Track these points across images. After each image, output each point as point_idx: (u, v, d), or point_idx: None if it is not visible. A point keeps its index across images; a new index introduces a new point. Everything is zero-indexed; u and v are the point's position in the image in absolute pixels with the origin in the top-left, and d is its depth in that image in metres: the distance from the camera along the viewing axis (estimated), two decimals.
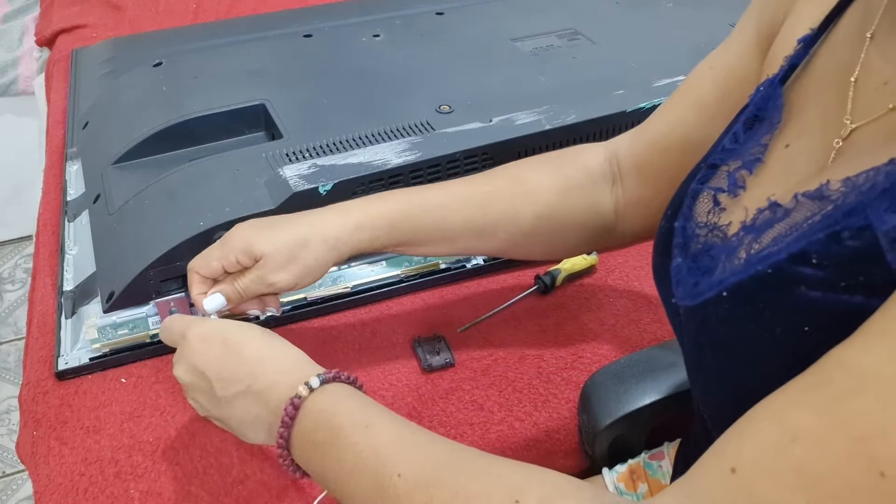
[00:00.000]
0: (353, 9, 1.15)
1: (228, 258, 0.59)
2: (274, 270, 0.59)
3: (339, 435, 0.46)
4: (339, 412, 0.47)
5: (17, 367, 1.67)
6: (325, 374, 0.50)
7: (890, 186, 0.34)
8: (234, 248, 0.59)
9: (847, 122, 0.42)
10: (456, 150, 0.77)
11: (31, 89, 1.64)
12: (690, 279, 0.45)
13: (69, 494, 0.61)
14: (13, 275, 1.90)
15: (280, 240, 0.59)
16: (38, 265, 0.83)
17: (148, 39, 1.13)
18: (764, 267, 0.38)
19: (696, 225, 0.48)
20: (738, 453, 0.34)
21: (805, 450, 0.31)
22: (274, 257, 0.58)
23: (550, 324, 0.77)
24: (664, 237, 0.51)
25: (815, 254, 0.36)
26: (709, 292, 0.42)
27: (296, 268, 0.59)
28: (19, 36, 1.68)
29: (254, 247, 0.58)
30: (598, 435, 0.64)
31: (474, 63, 0.95)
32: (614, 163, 0.66)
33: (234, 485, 0.62)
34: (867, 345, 0.32)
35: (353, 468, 0.44)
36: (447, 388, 0.70)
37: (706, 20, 1.04)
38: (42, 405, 0.68)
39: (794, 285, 0.37)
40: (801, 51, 0.48)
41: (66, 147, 0.96)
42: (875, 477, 0.29)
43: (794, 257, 0.37)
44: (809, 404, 0.32)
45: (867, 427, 0.30)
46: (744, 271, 0.40)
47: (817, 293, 0.36)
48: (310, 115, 0.84)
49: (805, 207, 0.39)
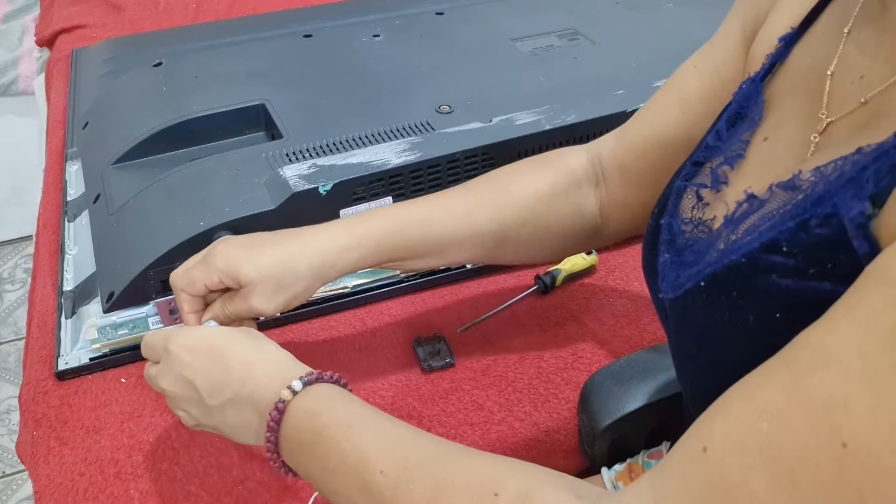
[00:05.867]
0: (353, 9, 1.15)
1: (212, 278, 0.57)
2: (261, 300, 0.57)
3: (322, 435, 0.46)
4: (322, 412, 0.48)
5: (17, 367, 1.67)
6: (307, 377, 0.50)
7: (856, 175, 0.35)
8: (217, 268, 0.57)
9: (822, 116, 0.43)
10: (456, 150, 0.77)
11: (31, 89, 1.64)
12: (673, 273, 0.46)
13: (69, 494, 0.61)
14: (13, 275, 1.90)
15: (266, 266, 0.56)
16: (38, 265, 0.83)
17: (148, 39, 1.13)
18: (738, 256, 0.39)
19: (682, 221, 0.49)
20: (710, 433, 0.35)
21: (770, 425, 0.32)
22: (260, 286, 0.56)
23: (550, 324, 0.77)
24: (652, 234, 0.52)
25: (785, 242, 0.37)
26: (688, 283, 0.43)
27: (283, 297, 0.58)
28: (19, 36, 1.68)
29: (238, 272, 0.56)
30: (597, 435, 0.64)
31: (474, 63, 0.95)
32: (597, 164, 0.66)
33: (234, 485, 0.62)
34: (832, 324, 0.32)
35: (337, 467, 0.45)
36: (447, 388, 0.70)
37: (706, 20, 1.04)
38: (42, 405, 0.68)
39: (765, 273, 0.38)
40: (782, 49, 0.49)
41: (66, 147, 0.96)
42: (837, 448, 0.29)
43: (765, 246, 0.38)
44: (776, 382, 0.33)
45: (829, 399, 0.30)
46: (719, 261, 0.41)
47: (788, 281, 0.37)
48: (310, 115, 0.84)
49: (778, 198, 0.40)
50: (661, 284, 0.48)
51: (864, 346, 0.30)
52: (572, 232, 0.66)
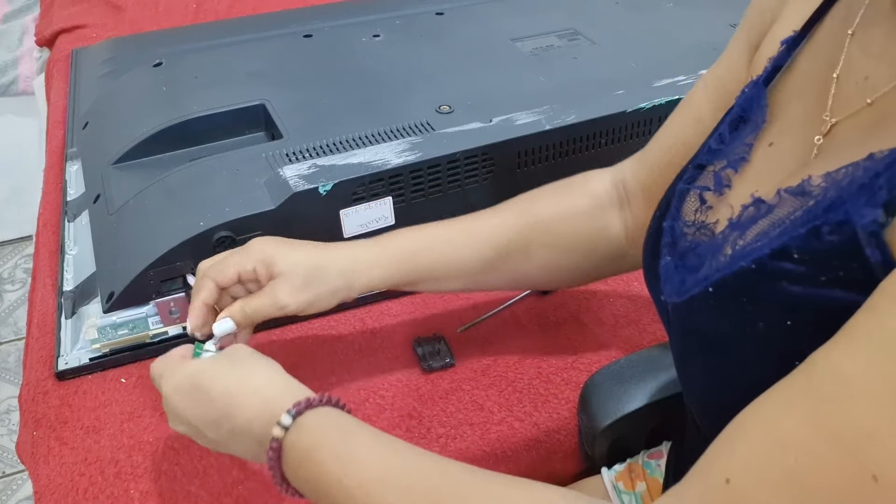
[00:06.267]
0: (353, 9, 1.15)
1: (246, 266, 0.58)
2: (288, 292, 0.58)
3: (323, 471, 0.46)
4: (318, 447, 0.47)
5: (17, 367, 1.67)
6: (294, 408, 0.48)
7: (868, 181, 0.35)
8: (254, 257, 0.58)
9: (826, 118, 0.43)
10: (456, 150, 0.77)
11: (31, 89, 1.64)
12: (677, 277, 0.46)
13: (69, 494, 0.61)
14: (13, 275, 1.90)
15: (299, 262, 0.58)
16: (38, 265, 0.83)
17: (148, 39, 1.13)
18: (747, 262, 0.39)
19: (684, 224, 0.49)
20: (731, 463, 0.34)
21: (796, 458, 0.31)
22: (290, 279, 0.58)
23: (550, 324, 0.76)
24: (653, 237, 0.52)
25: (796, 249, 0.36)
26: (695, 288, 0.43)
27: (308, 294, 0.58)
28: (19, 36, 1.68)
29: (274, 262, 0.58)
30: (597, 435, 0.64)
31: (474, 63, 0.95)
32: (621, 187, 0.66)
33: (234, 485, 0.62)
34: (851, 348, 0.32)
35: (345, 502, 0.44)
36: (447, 388, 0.70)
37: (706, 20, 1.04)
38: (42, 405, 0.68)
39: (775, 280, 0.37)
40: (784, 52, 0.49)
41: (66, 147, 0.96)
42: (868, 481, 0.29)
43: (775, 253, 0.37)
44: (797, 410, 0.32)
45: (855, 431, 0.30)
46: (728, 267, 0.41)
47: (798, 288, 0.36)
48: (310, 115, 0.84)
49: (788, 203, 0.40)
50: (664, 287, 0.47)
51: (887, 374, 0.29)
52: (596, 255, 0.66)
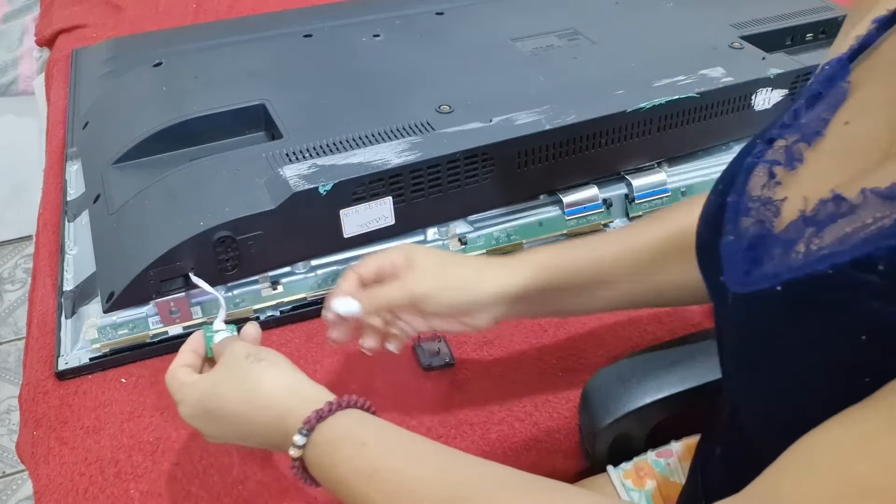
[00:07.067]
0: (353, 9, 1.15)
1: (385, 259, 0.62)
2: (419, 278, 0.60)
3: (348, 486, 0.47)
4: (337, 464, 0.48)
5: (17, 367, 1.67)
6: (305, 426, 0.49)
7: None
8: (393, 252, 0.63)
9: None
10: (456, 150, 0.77)
11: (31, 89, 1.64)
12: (743, 265, 0.43)
13: (69, 494, 0.61)
14: (13, 275, 1.90)
15: (435, 254, 0.63)
16: (38, 265, 0.83)
17: (148, 39, 1.13)
18: (824, 267, 0.35)
19: (749, 199, 0.46)
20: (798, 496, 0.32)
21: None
22: (424, 268, 0.61)
23: (551, 323, 0.76)
24: (714, 213, 0.48)
25: (883, 261, 0.33)
26: (761, 283, 0.40)
27: (436, 282, 0.61)
28: (19, 36, 1.68)
29: (412, 255, 0.62)
30: (598, 435, 0.64)
31: (474, 63, 0.95)
32: None
33: (234, 485, 0.62)
34: None
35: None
36: (447, 388, 0.70)
37: (706, 20, 1.04)
38: (42, 405, 0.68)
39: (855, 291, 0.34)
40: (875, 31, 0.46)
41: (66, 147, 0.96)
42: None
43: (858, 262, 0.34)
44: (877, 454, 0.30)
45: None
46: (801, 269, 0.37)
47: (878, 303, 0.33)
48: (310, 115, 0.84)
49: (873, 206, 0.36)
50: (725, 268, 0.44)
51: None
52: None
